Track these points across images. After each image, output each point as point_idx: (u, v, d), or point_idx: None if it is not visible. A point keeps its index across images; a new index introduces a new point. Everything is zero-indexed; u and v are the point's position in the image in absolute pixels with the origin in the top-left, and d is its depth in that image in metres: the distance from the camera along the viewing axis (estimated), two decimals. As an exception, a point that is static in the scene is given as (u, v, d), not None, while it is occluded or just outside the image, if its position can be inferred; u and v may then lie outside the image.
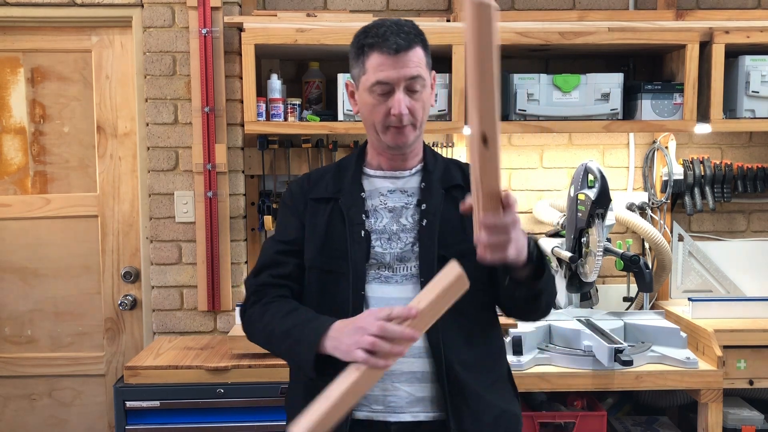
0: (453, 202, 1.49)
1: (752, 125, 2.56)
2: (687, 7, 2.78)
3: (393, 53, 1.39)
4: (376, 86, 1.42)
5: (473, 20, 1.09)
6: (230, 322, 2.71)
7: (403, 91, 1.41)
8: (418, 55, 1.42)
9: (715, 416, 2.34)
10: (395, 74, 1.40)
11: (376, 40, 1.40)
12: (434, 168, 1.55)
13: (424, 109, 1.46)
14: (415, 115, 1.44)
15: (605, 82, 2.50)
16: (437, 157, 1.60)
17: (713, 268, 2.88)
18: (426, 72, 1.44)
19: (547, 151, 2.88)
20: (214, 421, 2.29)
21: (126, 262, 2.84)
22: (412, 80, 1.41)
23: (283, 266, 1.52)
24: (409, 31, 1.42)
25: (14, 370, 2.85)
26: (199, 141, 2.62)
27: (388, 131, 1.46)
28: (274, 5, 2.82)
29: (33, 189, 2.81)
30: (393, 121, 1.43)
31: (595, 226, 2.44)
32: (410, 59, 1.40)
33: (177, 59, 2.66)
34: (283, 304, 1.46)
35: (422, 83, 1.43)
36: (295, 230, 1.53)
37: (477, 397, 1.46)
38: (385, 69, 1.40)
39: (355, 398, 1.22)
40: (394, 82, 1.40)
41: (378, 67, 1.40)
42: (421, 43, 1.43)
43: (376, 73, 1.41)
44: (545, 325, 2.44)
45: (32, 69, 2.78)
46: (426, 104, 1.46)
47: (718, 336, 2.36)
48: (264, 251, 1.57)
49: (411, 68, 1.40)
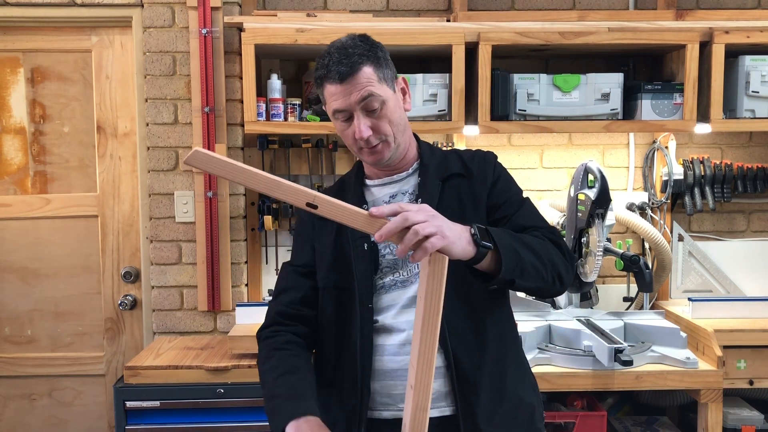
0: (453, 190, 1.51)
1: (752, 125, 2.56)
2: (687, 7, 2.78)
3: (339, 82, 1.41)
4: (336, 114, 1.45)
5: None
6: (230, 322, 2.71)
7: (362, 114, 1.42)
8: (366, 75, 1.41)
9: (715, 416, 2.33)
10: (346, 101, 1.41)
11: (323, 72, 1.43)
12: (431, 161, 1.55)
13: (391, 122, 1.45)
14: (382, 131, 1.44)
15: (605, 82, 2.50)
16: (434, 151, 1.59)
17: (713, 268, 2.88)
18: (381, 87, 1.42)
19: (547, 151, 2.88)
20: (214, 421, 2.29)
21: (126, 262, 2.84)
22: (365, 101, 1.41)
23: (299, 290, 1.56)
24: (353, 53, 1.41)
25: (14, 370, 2.85)
26: (199, 141, 2.62)
27: (363, 152, 1.48)
28: (274, 5, 2.82)
29: (33, 189, 2.82)
30: (362, 144, 1.45)
31: (595, 226, 2.44)
32: (357, 82, 1.40)
33: (177, 59, 2.66)
34: (283, 361, 1.48)
35: (378, 100, 1.42)
36: (307, 254, 1.58)
37: (489, 390, 1.45)
38: (337, 98, 1.42)
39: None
40: (348, 108, 1.42)
41: (331, 97, 1.43)
42: (368, 60, 1.42)
43: (331, 103, 1.44)
44: (545, 325, 2.44)
45: (32, 69, 2.78)
46: (393, 116, 1.45)
47: (718, 336, 2.36)
48: (280, 276, 1.62)
49: (360, 91, 1.40)
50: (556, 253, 1.43)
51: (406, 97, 1.53)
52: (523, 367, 1.58)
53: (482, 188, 1.52)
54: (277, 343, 1.52)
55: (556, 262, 1.41)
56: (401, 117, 1.48)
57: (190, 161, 1.12)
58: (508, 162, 2.85)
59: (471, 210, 1.50)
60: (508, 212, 1.51)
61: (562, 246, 1.47)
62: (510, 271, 1.30)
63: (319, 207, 1.16)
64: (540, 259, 1.37)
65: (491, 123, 2.47)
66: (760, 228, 2.93)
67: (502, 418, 1.46)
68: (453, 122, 2.48)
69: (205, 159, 1.12)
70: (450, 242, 1.19)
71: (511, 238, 1.34)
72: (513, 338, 1.57)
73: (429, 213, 1.19)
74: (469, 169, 1.55)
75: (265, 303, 2.58)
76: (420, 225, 1.15)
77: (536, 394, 1.59)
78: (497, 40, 2.45)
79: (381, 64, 1.45)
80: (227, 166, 1.13)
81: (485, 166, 1.56)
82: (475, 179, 1.53)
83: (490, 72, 2.45)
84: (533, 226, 1.48)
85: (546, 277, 1.39)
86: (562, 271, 1.43)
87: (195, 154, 1.12)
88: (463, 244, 1.23)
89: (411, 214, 1.16)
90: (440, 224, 1.18)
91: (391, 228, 1.15)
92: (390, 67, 1.48)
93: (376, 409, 1.49)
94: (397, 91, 1.49)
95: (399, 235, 1.16)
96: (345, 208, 1.17)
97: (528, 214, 1.52)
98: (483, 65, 2.45)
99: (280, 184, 1.15)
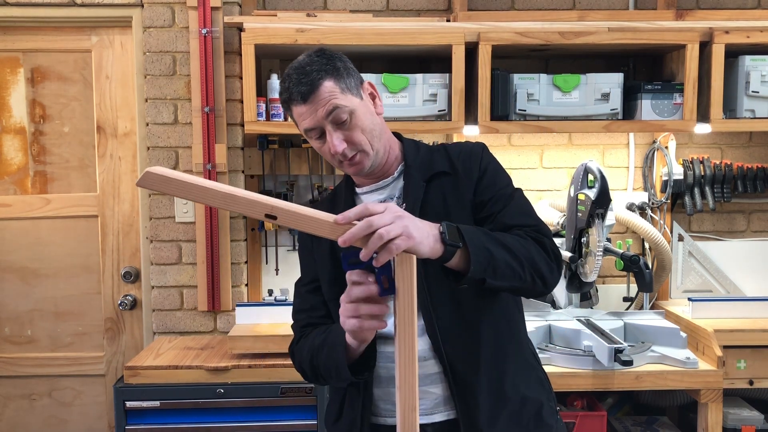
0: (438, 190, 1.48)
1: (752, 125, 2.56)
2: (687, 7, 2.78)
3: (303, 102, 1.40)
4: (308, 133, 1.44)
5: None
6: (230, 322, 2.71)
7: (332, 128, 1.41)
8: (328, 89, 1.39)
9: (715, 416, 2.33)
10: (313, 120, 1.41)
11: (286, 95, 1.43)
12: (414, 162, 1.52)
13: (364, 130, 1.43)
14: (356, 141, 1.42)
15: (605, 82, 2.50)
16: (420, 149, 1.56)
17: (713, 268, 2.88)
18: (345, 97, 1.41)
19: (547, 151, 2.88)
20: (214, 421, 2.29)
21: (126, 262, 2.84)
22: (331, 115, 1.40)
23: (315, 308, 1.56)
24: (311, 70, 1.40)
25: (14, 370, 2.85)
26: (199, 141, 2.62)
27: (343, 165, 1.47)
28: (274, 5, 2.82)
29: (33, 189, 2.82)
30: (339, 158, 1.44)
31: (595, 226, 2.44)
32: (320, 98, 1.39)
33: (177, 59, 2.66)
34: (320, 329, 1.49)
35: (346, 111, 1.40)
36: (311, 268, 1.58)
37: (488, 393, 1.44)
38: (305, 117, 1.42)
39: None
40: (318, 125, 1.41)
41: (299, 117, 1.43)
42: (327, 74, 1.41)
43: (301, 123, 1.44)
44: (545, 325, 2.44)
45: (32, 69, 2.78)
46: (365, 124, 1.43)
47: (718, 336, 2.36)
48: (294, 296, 1.62)
49: (324, 106, 1.39)
50: (538, 252, 1.39)
51: (376, 101, 1.50)
52: (527, 365, 1.54)
53: (468, 185, 1.49)
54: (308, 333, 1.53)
55: (536, 261, 1.38)
56: (374, 123, 1.46)
57: (142, 183, 1.08)
58: (508, 162, 2.85)
59: (457, 209, 1.47)
60: (494, 210, 1.47)
61: (545, 245, 1.42)
62: (480, 270, 1.28)
63: (279, 217, 1.10)
64: (516, 258, 1.34)
65: (491, 123, 2.47)
66: (760, 228, 2.93)
67: (505, 419, 1.45)
68: (453, 122, 2.48)
69: (158, 179, 1.08)
70: (416, 242, 1.17)
71: (484, 237, 1.32)
72: (514, 338, 1.54)
73: (395, 214, 1.17)
74: (455, 167, 1.51)
75: (265, 303, 2.58)
76: (384, 228, 1.14)
77: (545, 389, 1.55)
78: (497, 40, 2.45)
79: (341, 74, 1.43)
80: (181, 184, 1.09)
81: (471, 162, 1.52)
82: (460, 176, 1.50)
83: (490, 72, 2.45)
84: (519, 224, 1.45)
85: (523, 277, 1.35)
86: (543, 271, 1.39)
87: (147, 176, 1.08)
88: (431, 242, 1.22)
89: (375, 218, 1.14)
90: (406, 224, 1.17)
91: (355, 233, 1.13)
92: (353, 75, 1.45)
93: (381, 415, 1.49)
94: (365, 97, 1.47)
95: (363, 239, 1.14)
96: (306, 217, 1.13)
97: (514, 211, 1.48)
98: (483, 65, 2.45)
99: (236, 198, 1.10)
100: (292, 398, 2.29)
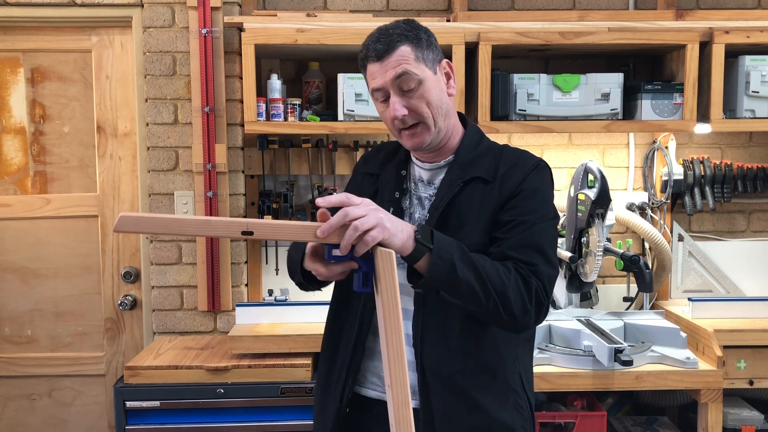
0: (471, 194, 1.46)
1: (752, 125, 2.56)
2: (687, 7, 2.78)
3: (377, 60, 1.42)
4: (374, 94, 1.46)
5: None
6: (230, 322, 2.71)
7: (397, 94, 1.42)
8: (402, 53, 1.40)
9: (715, 416, 2.33)
10: (381, 80, 1.42)
11: (364, 53, 1.45)
12: (464, 158, 1.50)
13: (429, 103, 1.43)
14: (419, 112, 1.43)
15: (605, 82, 2.50)
16: (479, 145, 1.53)
17: (713, 268, 2.88)
18: (418, 66, 1.41)
19: (547, 151, 2.88)
20: (214, 421, 2.29)
21: (126, 262, 2.84)
22: (398, 80, 1.40)
23: None
24: (392, 32, 1.42)
25: (14, 370, 2.85)
26: (199, 141, 2.62)
27: (402, 135, 1.47)
28: (274, 5, 2.82)
29: (33, 189, 2.82)
30: (398, 125, 1.45)
31: (595, 226, 2.44)
32: (393, 59, 1.40)
33: (177, 59, 2.66)
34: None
35: (414, 79, 1.40)
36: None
37: (450, 395, 1.43)
38: (376, 77, 1.43)
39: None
40: (384, 86, 1.43)
41: (371, 76, 1.45)
42: (406, 39, 1.41)
43: (371, 82, 1.46)
44: (545, 325, 2.44)
45: (32, 69, 2.78)
46: (431, 98, 1.43)
47: (718, 336, 2.36)
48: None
49: (395, 68, 1.40)
50: (516, 290, 1.34)
51: (450, 81, 1.50)
52: (507, 388, 1.47)
53: (498, 198, 1.45)
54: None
55: (508, 296, 1.33)
56: (442, 100, 1.45)
57: (119, 228, 1.12)
58: (508, 162, 2.84)
59: (473, 218, 1.44)
60: (504, 235, 1.42)
61: (531, 285, 1.36)
62: (435, 279, 1.28)
63: (255, 232, 1.17)
64: (484, 284, 1.31)
65: (491, 123, 2.47)
66: (760, 228, 2.93)
67: (462, 427, 1.43)
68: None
69: (133, 221, 1.13)
70: (390, 234, 1.23)
71: (456, 252, 1.30)
72: (499, 357, 1.46)
73: (370, 207, 1.23)
74: (496, 175, 1.47)
75: (265, 303, 2.58)
76: (360, 220, 1.19)
77: (522, 416, 1.48)
78: (497, 40, 2.45)
79: (421, 44, 1.43)
80: (156, 221, 1.16)
81: (514, 175, 1.46)
82: (495, 187, 1.46)
83: (490, 72, 2.45)
84: (517, 258, 1.39)
85: (485, 305, 1.32)
86: (514, 308, 1.34)
87: (122, 220, 1.12)
88: (404, 237, 1.27)
89: (351, 209, 1.20)
90: (381, 216, 1.22)
91: (333, 224, 1.19)
92: (433, 49, 1.45)
93: (365, 386, 1.52)
94: (440, 74, 1.47)
95: (340, 231, 1.19)
96: (282, 225, 1.19)
97: (522, 243, 1.40)
98: (483, 65, 2.45)
99: (211, 223, 1.17)
100: (291, 398, 2.29)
